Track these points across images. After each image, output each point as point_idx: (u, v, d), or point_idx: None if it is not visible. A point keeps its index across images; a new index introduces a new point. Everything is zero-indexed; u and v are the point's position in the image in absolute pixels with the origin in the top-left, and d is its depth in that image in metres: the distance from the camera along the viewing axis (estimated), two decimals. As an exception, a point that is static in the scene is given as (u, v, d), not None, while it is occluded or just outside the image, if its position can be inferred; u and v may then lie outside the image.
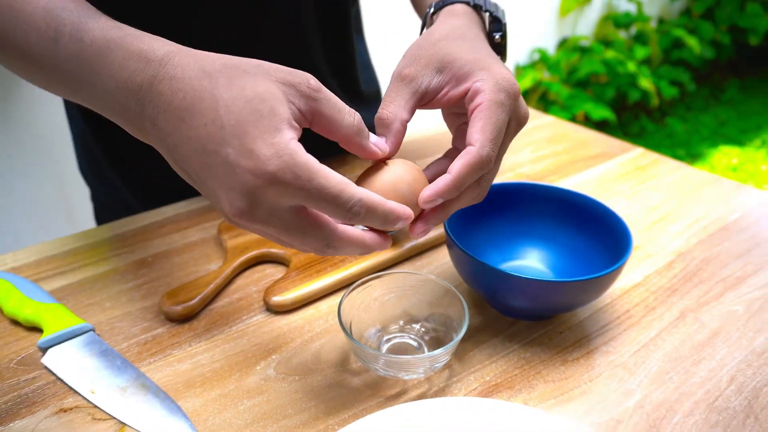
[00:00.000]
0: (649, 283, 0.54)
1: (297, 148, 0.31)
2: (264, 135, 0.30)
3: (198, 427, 0.40)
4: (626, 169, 0.76)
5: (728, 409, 0.41)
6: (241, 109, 0.31)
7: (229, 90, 0.31)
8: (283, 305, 0.50)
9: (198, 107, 0.31)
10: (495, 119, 0.37)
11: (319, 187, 0.31)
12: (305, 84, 0.33)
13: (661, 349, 0.46)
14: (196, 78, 0.32)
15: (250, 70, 0.32)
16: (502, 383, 0.43)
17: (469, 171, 0.36)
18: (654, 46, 2.84)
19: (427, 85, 0.39)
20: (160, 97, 0.32)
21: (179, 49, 0.33)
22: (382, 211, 0.34)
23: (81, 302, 0.52)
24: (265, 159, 0.30)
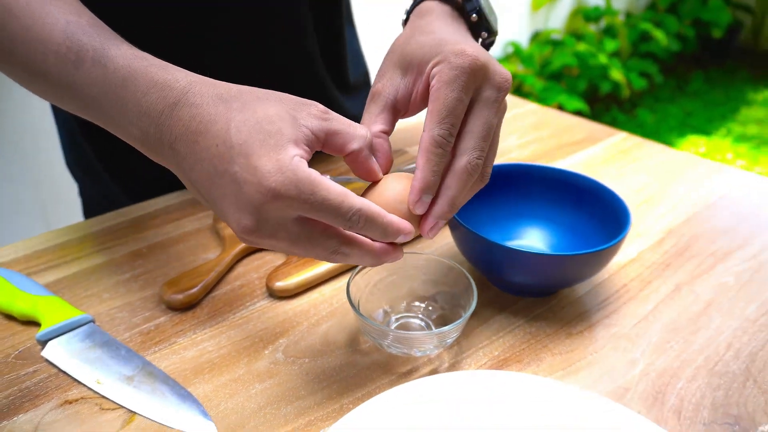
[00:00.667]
0: (643, 258, 0.56)
1: (299, 163, 0.32)
2: (269, 153, 0.32)
3: (210, 412, 0.40)
4: (610, 152, 0.78)
5: (728, 373, 0.43)
6: (250, 129, 0.32)
7: (241, 113, 0.33)
8: (287, 290, 0.50)
9: (211, 130, 0.33)
10: (443, 99, 0.35)
11: (322, 199, 0.32)
12: (314, 108, 0.35)
13: (660, 321, 0.48)
14: (212, 104, 0.34)
15: (263, 96, 0.34)
16: (510, 357, 0.44)
17: (428, 158, 0.35)
18: (623, 39, 2.91)
19: (395, 94, 0.39)
20: (178, 122, 0.34)
21: (201, 79, 0.35)
22: (381, 222, 0.35)
23: (77, 294, 0.51)
24: (268, 175, 0.31)
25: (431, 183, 0.36)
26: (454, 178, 0.37)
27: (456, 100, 0.35)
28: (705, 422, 0.39)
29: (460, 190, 0.37)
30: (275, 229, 0.33)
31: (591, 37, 2.81)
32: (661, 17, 3.18)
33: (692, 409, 0.40)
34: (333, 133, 0.35)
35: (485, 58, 0.36)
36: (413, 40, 0.39)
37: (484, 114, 0.37)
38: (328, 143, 0.35)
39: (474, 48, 0.36)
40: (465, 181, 0.37)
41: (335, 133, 0.35)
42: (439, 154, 0.36)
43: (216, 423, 0.39)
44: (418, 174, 0.36)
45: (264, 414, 0.40)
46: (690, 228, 0.61)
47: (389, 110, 0.39)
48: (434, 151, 0.36)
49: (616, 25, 2.93)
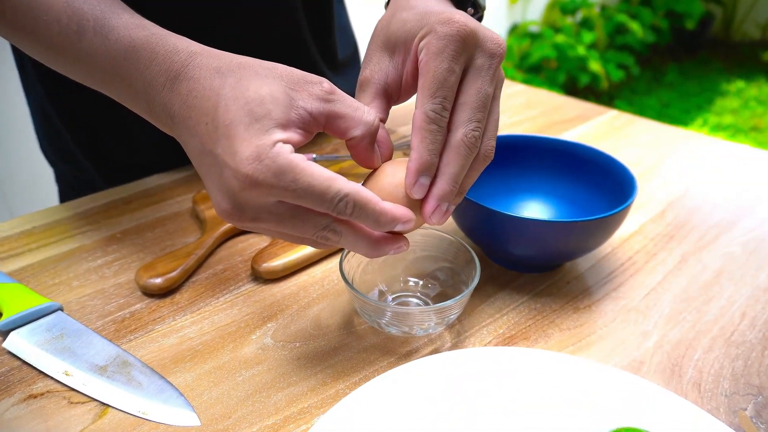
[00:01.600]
0: (646, 230, 0.54)
1: (281, 150, 0.30)
2: (251, 137, 0.30)
3: (193, 402, 0.36)
4: (603, 129, 0.76)
5: (745, 342, 0.41)
6: (238, 109, 0.31)
7: (234, 90, 0.31)
8: (274, 272, 0.46)
9: (203, 106, 0.32)
10: (433, 71, 0.33)
11: (305, 185, 0.30)
12: (318, 87, 0.32)
13: (670, 292, 0.46)
14: (209, 78, 0.32)
15: (262, 72, 0.32)
16: (516, 334, 0.41)
17: (422, 136, 0.33)
18: (599, 31, 2.93)
19: (385, 78, 0.36)
20: (177, 96, 0.33)
21: (202, 50, 0.34)
22: (373, 210, 0.32)
23: (44, 283, 0.46)
24: (246, 161, 0.30)
25: (427, 162, 0.33)
26: (452, 154, 0.33)
27: (446, 71, 0.32)
28: (726, 393, 0.37)
29: (460, 167, 0.34)
30: (256, 213, 0.32)
31: (569, 29, 2.82)
32: (636, 9, 3.21)
33: (712, 380, 0.37)
34: (335, 116, 0.33)
35: (474, 24, 0.33)
36: (395, 19, 0.36)
37: (478, 83, 0.33)
38: (330, 126, 0.33)
39: (461, 15, 0.34)
40: (464, 156, 0.33)
41: (337, 117, 0.33)
42: (434, 131, 0.33)
43: (199, 414, 0.35)
44: (413, 154, 0.33)
45: (252, 402, 0.36)
46: (689, 200, 0.59)
47: (381, 97, 0.36)
48: (428, 128, 0.33)
49: (593, 17, 2.95)
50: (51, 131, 0.65)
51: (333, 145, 0.67)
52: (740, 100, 3.08)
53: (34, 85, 0.63)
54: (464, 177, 0.34)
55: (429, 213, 0.34)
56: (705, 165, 0.66)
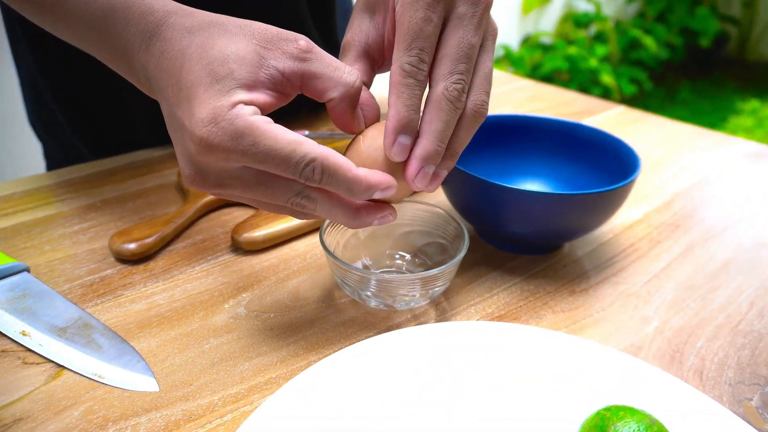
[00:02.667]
0: (651, 219, 0.51)
1: (240, 111, 0.28)
2: (210, 99, 0.28)
3: (155, 368, 0.34)
4: (611, 123, 0.73)
5: (753, 332, 0.38)
6: (200, 70, 0.29)
7: (199, 49, 0.30)
8: (254, 243, 0.44)
9: (171, 68, 0.30)
10: (407, 22, 0.29)
11: (267, 149, 0.28)
12: (294, 44, 0.30)
13: (674, 279, 0.43)
14: (179, 38, 0.31)
15: (233, 29, 0.30)
16: (506, 314, 0.39)
17: (399, 92, 0.30)
18: (613, 45, 2.91)
19: (366, 39, 0.34)
20: (152, 57, 0.32)
21: (178, 9, 0.32)
22: (345, 177, 0.29)
23: (15, 246, 0.44)
24: (201, 124, 0.28)
25: (405, 119, 0.30)
26: (433, 110, 0.30)
27: (422, 20, 0.29)
28: (731, 382, 0.33)
29: (444, 123, 0.30)
30: (220, 179, 0.30)
31: (582, 42, 2.80)
32: (651, 25, 3.20)
33: (715, 369, 0.34)
34: (311, 76, 0.30)
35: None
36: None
37: (459, 33, 0.30)
38: (306, 87, 0.31)
39: None
40: (447, 111, 0.30)
41: (314, 77, 0.30)
42: (411, 85, 0.30)
43: (159, 379, 0.33)
44: (390, 112, 0.30)
45: (216, 371, 0.34)
46: (699, 192, 0.56)
47: (363, 59, 0.34)
48: (404, 83, 0.30)
49: (606, 31, 2.93)
50: (40, 104, 0.64)
51: (329, 126, 0.65)
52: (755, 119, 3.04)
53: (24, 55, 0.61)
54: (453, 138, 0.31)
55: (412, 176, 0.31)
56: (715, 160, 0.63)
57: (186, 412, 0.31)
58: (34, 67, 0.60)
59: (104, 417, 0.30)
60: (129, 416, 0.30)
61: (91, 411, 0.31)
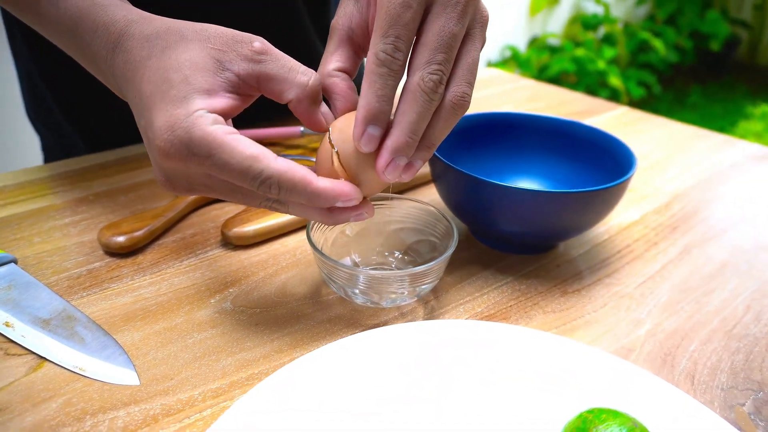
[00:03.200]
0: (648, 220, 0.50)
1: (197, 121, 0.28)
2: (167, 106, 0.29)
3: (136, 362, 0.33)
4: (612, 123, 0.72)
5: (748, 336, 0.37)
6: (157, 79, 0.30)
7: (156, 59, 0.30)
8: (244, 238, 0.44)
9: (133, 78, 0.31)
10: (385, 7, 0.28)
11: (222, 162, 0.28)
12: (247, 47, 0.30)
13: (669, 281, 0.42)
14: (138, 47, 0.31)
15: (188, 35, 0.31)
16: (495, 314, 0.38)
17: (371, 80, 0.28)
18: (621, 48, 2.89)
19: (349, 24, 0.32)
20: (116, 68, 0.32)
21: (140, 17, 0.32)
22: (304, 191, 0.29)
23: (5, 238, 0.44)
24: (159, 132, 0.29)
25: (375, 110, 0.29)
26: (407, 101, 0.29)
27: (400, 5, 0.28)
28: (723, 387, 0.33)
29: (417, 115, 0.29)
30: (189, 184, 0.31)
31: (590, 44, 2.78)
32: (660, 28, 3.17)
33: (707, 373, 0.34)
34: (266, 78, 0.31)
35: None
36: None
37: (441, 20, 0.28)
38: (263, 88, 0.31)
39: None
40: (421, 103, 0.29)
41: (269, 78, 0.31)
42: (384, 75, 0.28)
43: (140, 373, 0.32)
44: (360, 102, 0.29)
45: (198, 366, 0.33)
46: (699, 193, 0.55)
47: (346, 44, 0.33)
48: (377, 71, 0.28)
49: (615, 33, 2.91)
50: (36, 97, 0.64)
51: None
52: (765, 123, 3.01)
53: (21, 48, 0.61)
54: (430, 129, 0.30)
55: (382, 168, 0.30)
56: (718, 162, 0.62)
57: (165, 407, 0.30)
58: (30, 60, 0.60)
59: (82, 410, 0.30)
60: (107, 409, 0.30)
61: (69, 403, 0.30)
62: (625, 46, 2.92)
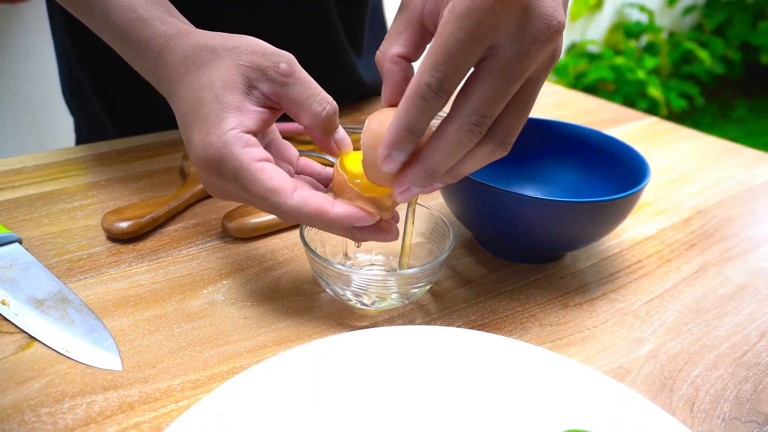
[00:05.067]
0: (664, 236, 0.48)
1: (228, 141, 0.30)
2: (201, 125, 0.31)
3: (122, 348, 0.33)
4: (638, 133, 0.70)
5: (759, 364, 0.34)
6: (192, 97, 0.32)
7: (193, 76, 0.32)
8: (244, 230, 0.44)
9: (173, 94, 0.34)
10: (445, 38, 0.25)
11: (245, 188, 0.31)
12: (273, 68, 0.32)
13: (679, 300, 0.40)
14: (177, 64, 0.33)
15: (221, 53, 0.32)
16: (489, 323, 0.37)
17: (408, 108, 0.27)
18: (664, 58, 2.80)
19: (422, 7, 0.29)
20: (161, 81, 0.35)
21: (179, 31, 0.34)
22: (321, 222, 0.31)
23: (15, 218, 0.45)
24: (195, 149, 0.31)
25: (404, 139, 0.27)
26: (441, 139, 0.28)
27: (460, 43, 0.25)
28: (725, 417, 0.31)
29: (448, 157, 0.28)
30: (225, 193, 0.33)
31: (630, 52, 2.71)
32: (707, 38, 3.06)
33: (710, 400, 0.32)
34: (287, 100, 0.33)
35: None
36: None
37: (498, 78, 0.26)
38: (284, 108, 0.33)
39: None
40: (455, 147, 0.27)
41: (289, 101, 0.33)
42: (421, 108, 0.26)
43: (124, 360, 0.33)
44: (392, 124, 0.28)
45: (182, 355, 0.33)
46: (723, 210, 0.52)
47: (415, 27, 0.30)
48: (417, 101, 0.26)
49: (658, 42, 2.82)
50: (73, 80, 0.65)
51: (349, 118, 0.65)
52: (815, 142, 2.87)
53: (61, 32, 0.63)
54: (461, 163, 0.29)
55: (397, 192, 0.30)
56: (748, 178, 0.59)
57: (143, 394, 0.30)
58: (69, 44, 0.62)
59: (63, 391, 0.30)
60: (86, 393, 0.30)
61: (51, 384, 0.31)
62: (668, 56, 2.82)
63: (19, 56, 1.27)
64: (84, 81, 0.63)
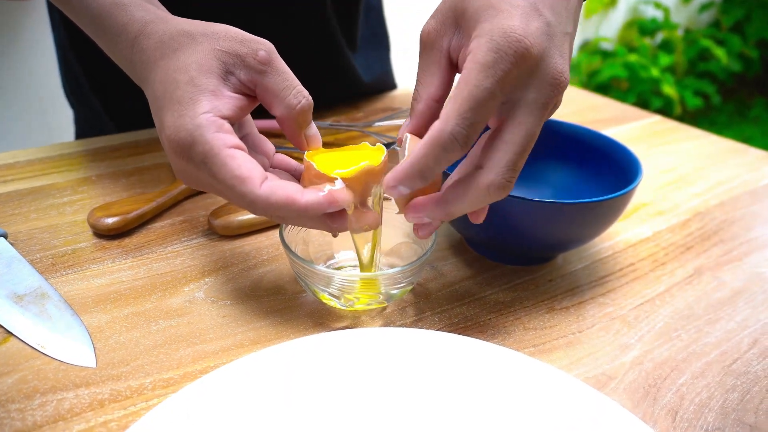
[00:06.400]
0: (660, 239, 0.46)
1: (201, 124, 0.29)
2: (175, 106, 0.30)
3: (98, 344, 0.33)
4: (640, 133, 0.68)
5: (748, 373, 0.33)
6: (166, 79, 0.31)
7: (169, 59, 0.32)
8: (229, 228, 0.43)
9: (148, 78, 0.33)
10: (471, 87, 0.26)
11: (213, 174, 0.30)
12: (252, 55, 0.32)
13: (670, 305, 0.39)
14: (152, 48, 0.33)
15: (198, 38, 0.32)
16: (471, 326, 0.36)
17: (428, 151, 0.27)
18: (679, 55, 2.75)
19: (448, 46, 0.30)
20: (135, 67, 0.34)
21: (156, 17, 0.34)
22: (292, 210, 0.30)
23: (4, 212, 0.45)
24: (166, 132, 0.30)
25: (416, 179, 0.28)
26: (467, 194, 0.29)
27: (487, 91, 0.26)
28: (709, 428, 0.30)
29: (469, 208, 0.30)
30: (196, 181, 0.32)
31: (645, 50, 2.66)
32: (725, 36, 3.00)
33: (693, 410, 0.31)
34: (263, 88, 0.32)
35: (541, 46, 0.27)
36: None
37: (527, 123, 0.28)
38: (259, 97, 0.33)
39: (533, 29, 0.27)
40: (480, 200, 0.29)
41: (265, 90, 0.32)
42: (440, 154, 0.27)
43: (99, 357, 0.32)
44: (407, 163, 0.28)
45: (157, 354, 0.33)
46: (723, 212, 0.51)
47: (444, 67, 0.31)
48: (438, 147, 0.27)
49: (674, 39, 2.77)
50: (70, 74, 0.66)
51: (334, 117, 0.64)
52: (834, 142, 2.80)
53: (58, 26, 0.63)
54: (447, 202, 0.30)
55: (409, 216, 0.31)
56: (752, 180, 0.57)
57: (114, 392, 0.30)
58: (65, 36, 0.62)
59: (34, 388, 0.30)
60: (58, 390, 0.30)
61: (24, 380, 0.31)
62: (684, 54, 2.77)
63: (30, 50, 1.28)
64: (80, 74, 0.63)
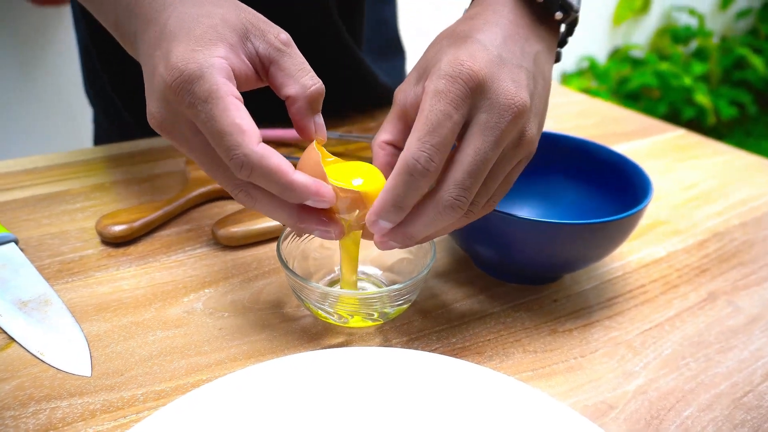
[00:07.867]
0: (674, 259, 0.45)
1: (213, 65, 0.28)
2: (191, 42, 0.29)
3: (95, 353, 0.34)
4: (662, 147, 0.66)
5: (760, 407, 0.31)
6: (186, 18, 0.30)
7: (192, 6, 0.31)
8: (233, 238, 0.43)
9: (157, 18, 0.31)
10: (426, 112, 0.28)
11: (210, 115, 0.28)
12: (275, 34, 0.31)
13: (680, 331, 0.37)
14: None
15: (224, 3, 0.32)
16: (469, 347, 0.35)
17: (397, 180, 0.28)
18: (714, 64, 2.67)
19: (405, 100, 0.32)
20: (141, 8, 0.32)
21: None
22: (279, 181, 0.28)
23: (18, 217, 0.46)
24: (172, 61, 0.28)
25: (391, 212, 0.29)
26: (426, 212, 0.30)
27: (442, 113, 0.28)
28: (714, 466, 0.28)
29: (425, 229, 0.30)
30: (173, 124, 0.30)
31: (677, 58, 2.59)
32: (762, 43, 2.90)
33: (699, 445, 0.29)
34: (278, 66, 0.31)
35: (489, 70, 0.29)
36: (446, 38, 0.32)
37: (476, 143, 0.29)
38: (270, 75, 0.32)
39: (479, 56, 0.29)
40: (433, 219, 0.30)
41: (279, 68, 0.31)
42: (409, 183, 0.28)
43: (95, 366, 0.33)
44: (380, 197, 0.29)
45: (151, 365, 0.33)
46: (745, 233, 0.49)
47: (399, 118, 0.33)
48: (405, 177, 0.28)
49: (709, 47, 2.69)
50: (92, 71, 0.67)
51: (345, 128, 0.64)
52: None
53: (79, 21, 0.64)
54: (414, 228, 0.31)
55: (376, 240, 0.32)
56: (777, 199, 0.55)
57: (106, 403, 0.30)
58: (87, 34, 0.63)
59: (30, 395, 0.31)
60: (52, 398, 0.30)
61: (21, 387, 0.31)
62: (718, 62, 2.69)
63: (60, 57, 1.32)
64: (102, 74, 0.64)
